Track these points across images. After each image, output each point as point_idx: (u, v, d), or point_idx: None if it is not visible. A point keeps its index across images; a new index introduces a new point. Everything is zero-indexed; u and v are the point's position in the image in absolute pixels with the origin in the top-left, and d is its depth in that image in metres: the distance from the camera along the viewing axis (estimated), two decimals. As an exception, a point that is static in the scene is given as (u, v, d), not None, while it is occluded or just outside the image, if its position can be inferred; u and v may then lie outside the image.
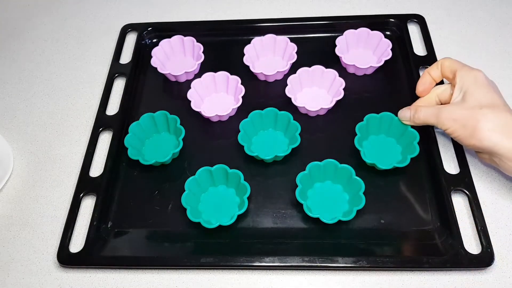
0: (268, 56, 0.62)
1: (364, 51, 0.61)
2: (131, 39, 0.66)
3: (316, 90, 0.58)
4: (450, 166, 0.51)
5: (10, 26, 0.72)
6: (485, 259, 0.44)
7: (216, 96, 0.59)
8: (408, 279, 0.45)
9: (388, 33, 0.63)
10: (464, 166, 0.50)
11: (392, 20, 0.64)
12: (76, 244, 0.48)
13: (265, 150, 0.53)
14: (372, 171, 0.51)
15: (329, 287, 0.45)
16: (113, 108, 0.59)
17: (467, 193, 0.48)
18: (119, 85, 0.62)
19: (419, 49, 0.62)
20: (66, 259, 0.47)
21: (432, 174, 0.50)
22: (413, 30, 0.64)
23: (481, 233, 0.45)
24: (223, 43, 0.65)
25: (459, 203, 0.48)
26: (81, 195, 0.51)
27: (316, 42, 0.64)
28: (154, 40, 0.66)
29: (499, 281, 0.44)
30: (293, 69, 0.58)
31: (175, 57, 0.63)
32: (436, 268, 0.44)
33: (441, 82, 0.52)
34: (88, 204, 0.51)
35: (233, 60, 0.62)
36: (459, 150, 0.51)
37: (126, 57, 0.64)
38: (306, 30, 0.64)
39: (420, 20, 0.64)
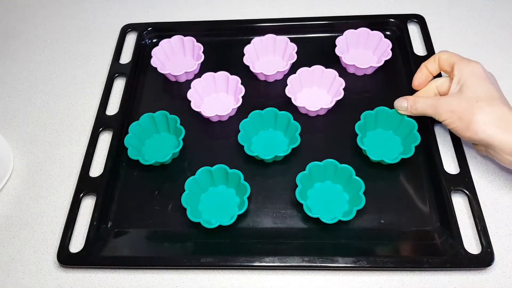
0: (268, 56, 0.62)
1: (364, 51, 0.61)
2: (131, 39, 0.66)
3: (316, 90, 0.58)
4: (450, 166, 0.51)
5: (10, 26, 0.72)
6: (485, 259, 0.44)
7: (216, 96, 0.59)
8: (408, 279, 0.45)
9: (388, 33, 0.63)
10: (464, 166, 0.50)
11: (392, 20, 0.64)
12: (76, 244, 0.48)
13: (265, 150, 0.53)
14: (372, 171, 0.51)
15: (329, 287, 0.45)
16: (113, 108, 0.59)
17: (467, 193, 0.48)
18: (119, 85, 0.62)
19: (419, 49, 0.62)
20: (66, 259, 0.47)
21: (432, 174, 0.50)
22: (413, 30, 0.64)
23: (481, 233, 0.45)
24: (223, 43, 0.65)
25: (459, 203, 0.48)
26: (81, 195, 0.51)
27: (316, 42, 0.64)
28: (154, 40, 0.66)
29: (499, 281, 0.44)
30: (293, 69, 0.58)
31: (175, 57, 0.63)
32: (436, 268, 0.44)
33: (438, 75, 0.52)
34: (88, 204, 0.51)
35: (233, 60, 0.62)
36: (459, 150, 0.51)
37: (126, 57, 0.64)
38: (306, 30, 0.64)
39: (420, 20, 0.64)
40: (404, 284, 0.45)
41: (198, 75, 0.60)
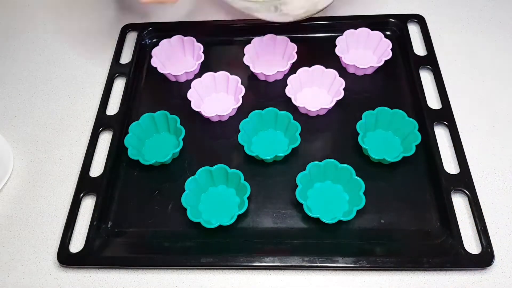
0: (268, 56, 0.62)
1: (364, 51, 0.61)
2: (131, 39, 0.66)
3: (316, 90, 0.58)
4: (450, 166, 0.51)
5: (10, 26, 0.72)
6: (485, 259, 0.44)
7: (216, 96, 0.59)
8: (408, 279, 0.45)
9: (388, 33, 0.63)
10: (464, 166, 0.50)
11: (392, 20, 0.64)
12: (76, 244, 0.48)
13: (265, 150, 0.53)
14: (372, 171, 0.51)
15: (329, 287, 0.45)
16: (113, 108, 0.59)
17: (467, 193, 0.48)
18: (119, 85, 0.62)
19: (419, 49, 0.62)
20: (66, 259, 0.47)
21: (432, 174, 0.50)
22: (413, 30, 0.64)
23: (481, 233, 0.45)
24: (223, 43, 0.65)
25: (459, 203, 0.48)
26: (81, 195, 0.51)
27: (316, 42, 0.64)
28: (154, 40, 0.66)
29: (499, 281, 0.44)
30: (293, 69, 0.58)
31: (175, 57, 0.63)
32: (436, 268, 0.44)
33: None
34: (88, 204, 0.51)
35: (233, 60, 0.62)
36: (459, 150, 0.51)
37: (126, 57, 0.64)
38: (306, 30, 0.64)
39: (420, 20, 0.64)
40: (404, 284, 0.45)
41: (198, 75, 0.60)
